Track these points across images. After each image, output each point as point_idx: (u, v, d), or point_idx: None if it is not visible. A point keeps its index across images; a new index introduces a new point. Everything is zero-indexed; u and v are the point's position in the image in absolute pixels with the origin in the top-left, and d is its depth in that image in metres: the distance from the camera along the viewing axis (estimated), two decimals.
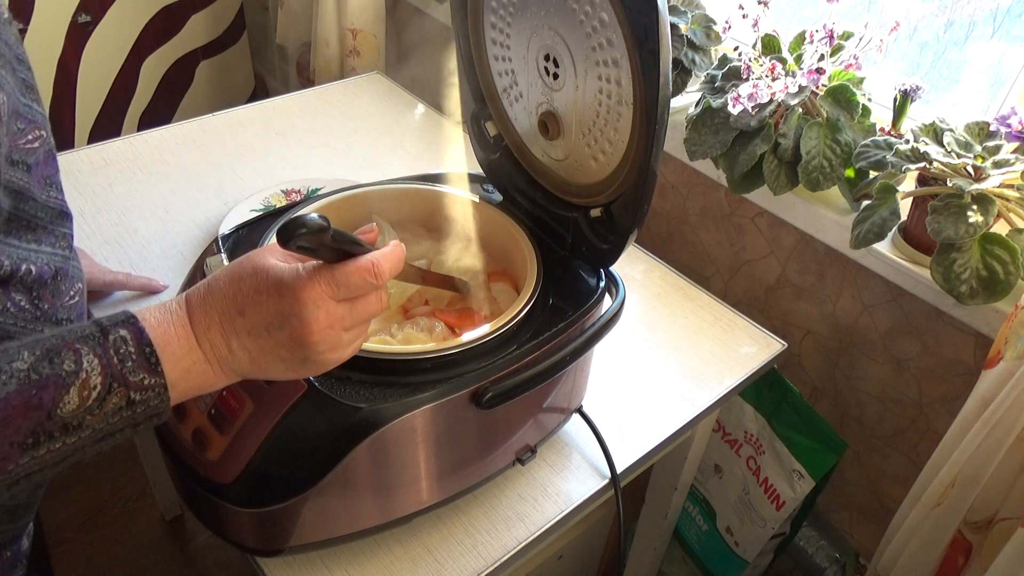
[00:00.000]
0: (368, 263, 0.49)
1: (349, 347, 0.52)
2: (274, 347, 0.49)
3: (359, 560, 0.69)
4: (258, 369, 0.50)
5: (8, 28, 0.55)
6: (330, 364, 0.51)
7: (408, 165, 1.19)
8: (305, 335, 0.48)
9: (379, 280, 0.50)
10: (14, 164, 0.54)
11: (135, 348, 0.45)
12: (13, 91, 0.53)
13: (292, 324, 0.48)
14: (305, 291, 0.47)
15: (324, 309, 0.48)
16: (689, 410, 0.86)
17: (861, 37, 0.92)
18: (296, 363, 0.50)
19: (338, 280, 0.48)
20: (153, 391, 0.46)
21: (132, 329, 0.45)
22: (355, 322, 0.51)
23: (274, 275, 0.48)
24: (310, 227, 0.44)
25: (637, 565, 1.24)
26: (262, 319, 0.48)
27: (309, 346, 0.49)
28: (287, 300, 0.47)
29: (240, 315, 0.48)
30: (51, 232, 0.59)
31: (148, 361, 0.45)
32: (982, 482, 0.78)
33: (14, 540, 0.65)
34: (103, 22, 1.82)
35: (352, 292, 0.49)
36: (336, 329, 0.49)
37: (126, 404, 0.45)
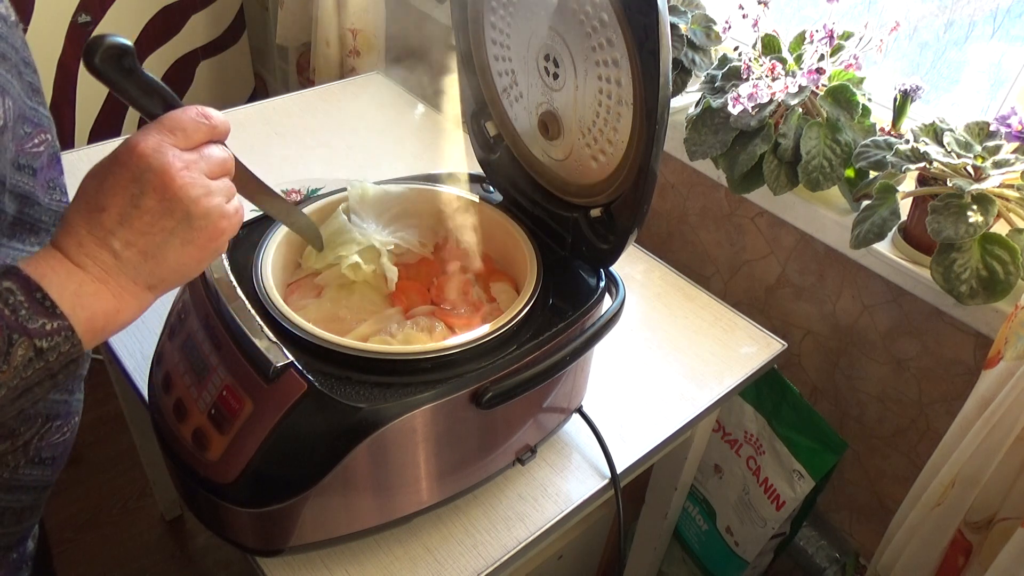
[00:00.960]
0: (193, 107, 0.48)
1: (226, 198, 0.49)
2: (151, 221, 0.45)
3: (359, 560, 0.69)
4: (156, 261, 0.46)
5: (15, 31, 0.55)
6: (219, 217, 0.48)
7: (408, 165, 1.19)
8: (168, 181, 0.45)
9: (210, 120, 0.48)
10: (20, 168, 0.54)
11: (24, 296, 0.43)
12: (19, 95, 0.53)
13: (149, 180, 0.45)
14: (142, 143, 0.45)
15: (170, 152, 0.45)
16: (689, 410, 0.86)
17: (861, 37, 0.92)
18: (184, 228, 0.46)
19: (169, 125, 0.46)
20: (59, 335, 0.44)
21: (16, 278, 0.43)
22: (211, 167, 0.48)
23: (108, 156, 0.46)
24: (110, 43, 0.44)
25: (637, 565, 1.24)
26: (121, 198, 0.45)
27: (180, 195, 0.45)
28: (131, 162, 0.45)
29: (101, 211, 0.45)
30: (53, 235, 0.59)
31: (42, 305, 0.43)
32: (982, 482, 0.78)
33: (20, 542, 0.65)
34: (103, 22, 1.82)
35: (189, 135, 0.47)
36: (196, 172, 0.46)
37: (36, 355, 0.43)
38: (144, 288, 0.47)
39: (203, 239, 0.48)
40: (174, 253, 0.47)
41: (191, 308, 0.66)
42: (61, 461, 0.65)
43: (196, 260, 0.48)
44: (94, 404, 1.74)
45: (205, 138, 0.48)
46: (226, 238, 0.49)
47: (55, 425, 0.62)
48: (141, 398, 0.77)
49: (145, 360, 0.82)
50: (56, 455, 0.63)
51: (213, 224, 0.47)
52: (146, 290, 0.47)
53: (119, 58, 0.45)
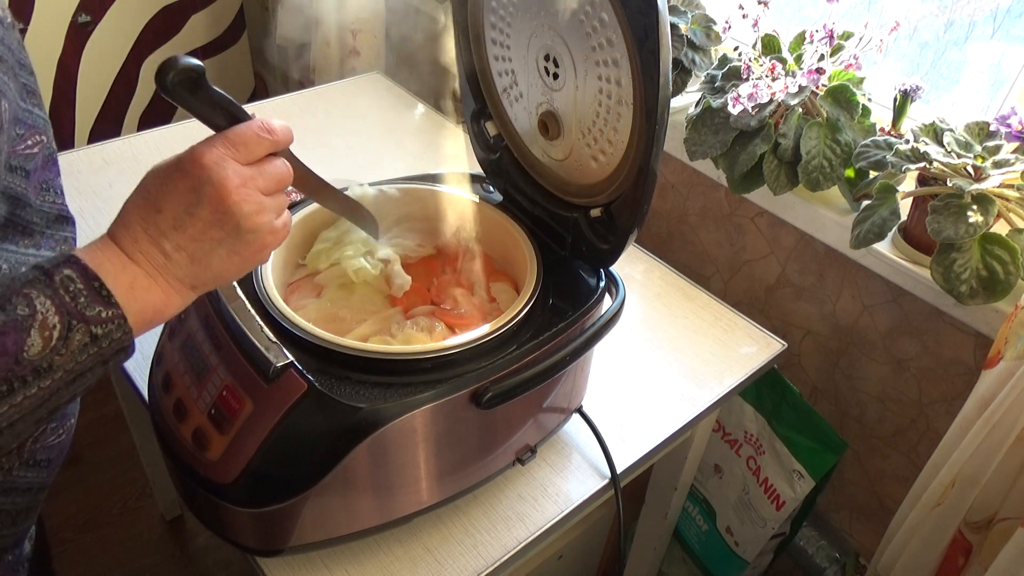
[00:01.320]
0: (257, 120, 0.50)
1: (276, 215, 0.51)
2: (203, 229, 0.48)
3: (359, 560, 0.69)
4: (202, 266, 0.49)
5: (11, 33, 0.55)
6: (266, 233, 0.50)
7: (408, 165, 1.19)
8: (223, 197, 0.47)
9: (273, 135, 0.50)
10: (12, 170, 0.54)
11: (83, 284, 0.45)
12: (14, 97, 0.53)
13: (207, 192, 0.47)
14: (205, 156, 0.47)
15: (230, 167, 0.48)
16: (689, 410, 0.86)
17: (861, 37, 0.92)
18: (233, 240, 0.49)
19: (232, 139, 0.48)
20: (113, 323, 0.46)
21: (76, 267, 0.45)
22: (268, 184, 0.50)
23: (172, 160, 0.48)
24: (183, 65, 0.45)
25: (637, 565, 1.24)
26: (179, 204, 0.47)
27: (234, 210, 0.48)
28: (192, 172, 0.47)
29: (158, 212, 0.48)
30: (50, 237, 0.59)
31: (99, 294, 0.45)
32: (982, 482, 0.78)
33: (16, 544, 0.65)
34: (103, 22, 1.82)
35: (251, 150, 0.49)
36: (251, 188, 0.49)
37: (91, 340, 0.45)
38: (188, 287, 0.50)
39: (248, 252, 0.50)
40: (219, 261, 0.50)
41: (191, 308, 0.66)
42: (56, 463, 0.65)
43: (238, 268, 0.51)
44: (94, 404, 1.74)
45: (266, 152, 0.50)
46: (269, 251, 0.52)
47: (50, 428, 0.62)
48: (141, 398, 0.77)
49: (145, 360, 0.82)
50: (51, 457, 0.63)
51: (260, 239, 0.50)
52: (190, 289, 0.50)
53: (192, 81, 0.47)
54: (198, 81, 0.47)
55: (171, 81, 0.46)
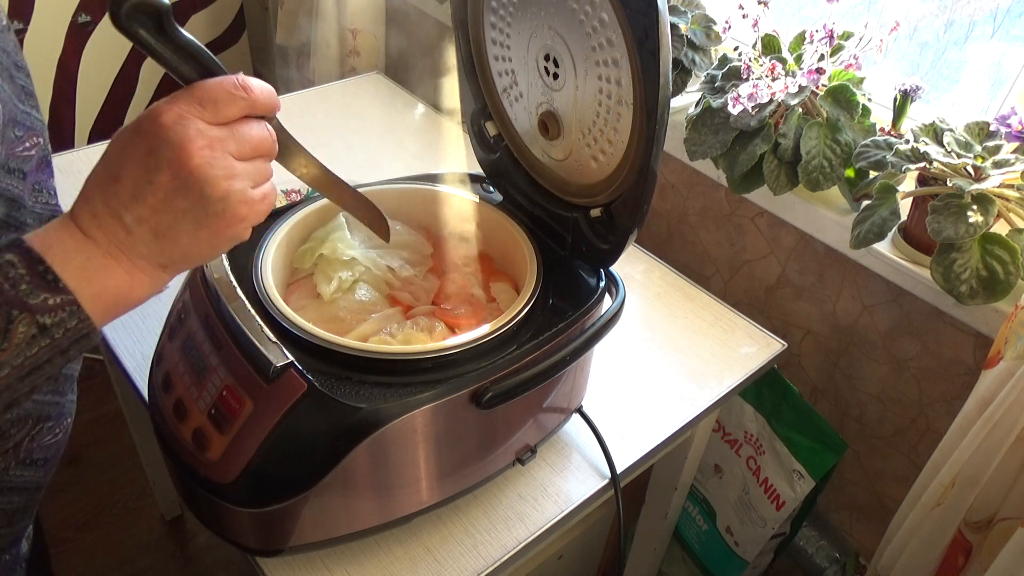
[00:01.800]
0: (231, 76, 0.43)
1: (253, 183, 0.45)
2: (165, 199, 0.42)
3: (359, 560, 0.69)
4: (167, 241, 0.43)
5: (6, 35, 0.54)
6: (238, 202, 0.44)
7: (408, 165, 1.19)
8: (184, 158, 0.41)
9: (249, 93, 0.43)
10: (10, 172, 0.53)
11: (26, 269, 0.40)
12: (10, 99, 0.52)
13: (166, 154, 0.41)
14: (164, 114, 0.41)
15: (193, 127, 0.41)
16: (689, 410, 0.86)
17: (861, 37, 0.92)
18: (198, 209, 0.43)
19: (198, 95, 0.42)
20: (63, 310, 0.41)
21: (18, 251, 0.41)
22: (241, 147, 0.44)
23: (132, 122, 0.43)
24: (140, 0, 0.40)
25: (637, 565, 1.24)
26: (137, 170, 0.42)
27: (196, 174, 0.41)
28: (150, 131, 0.41)
29: (116, 181, 0.42)
30: None
31: (44, 279, 0.41)
32: (982, 482, 0.78)
33: (12, 544, 0.65)
34: (103, 22, 1.82)
35: (220, 108, 0.42)
36: (219, 151, 0.42)
37: (39, 331, 0.41)
38: (157, 267, 0.45)
39: (219, 224, 0.44)
40: (186, 236, 0.44)
41: (191, 308, 0.66)
42: (53, 462, 0.65)
43: (210, 245, 0.45)
44: (94, 404, 1.74)
45: (241, 112, 0.44)
46: (246, 226, 0.46)
47: (46, 427, 0.62)
48: (141, 398, 0.77)
49: (145, 360, 0.82)
50: (48, 456, 0.63)
51: (232, 209, 0.44)
52: (159, 268, 0.45)
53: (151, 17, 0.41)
54: (159, 19, 0.41)
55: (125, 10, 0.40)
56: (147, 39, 0.42)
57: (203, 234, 0.44)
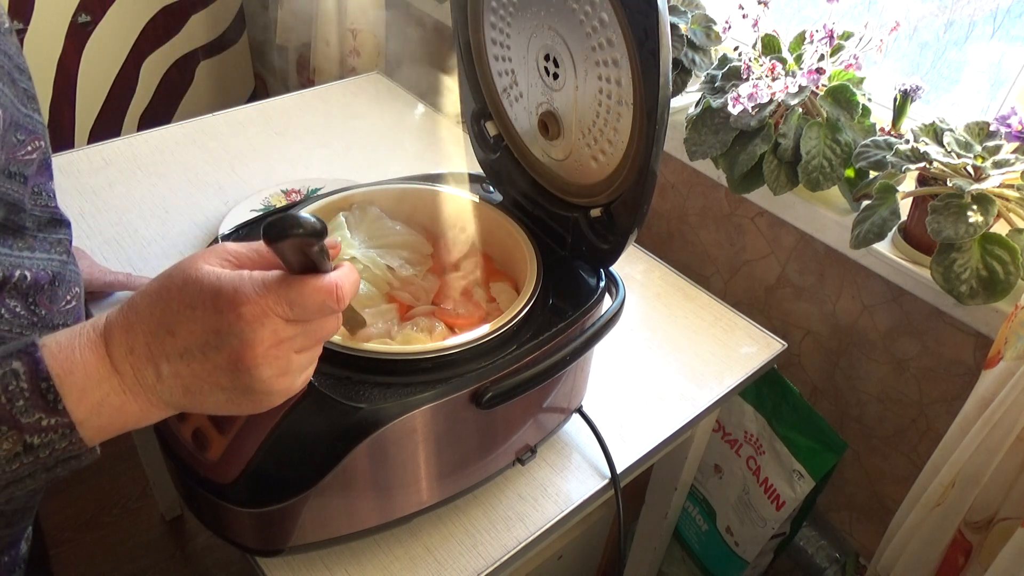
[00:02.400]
0: (331, 284, 0.43)
1: (301, 374, 0.45)
2: (211, 372, 0.42)
3: (359, 560, 0.69)
4: (193, 400, 0.43)
5: (9, 38, 0.54)
6: (278, 394, 0.44)
7: (408, 165, 1.19)
8: (247, 357, 0.41)
9: (339, 305, 0.43)
10: (11, 176, 0.53)
11: (28, 384, 0.38)
12: (12, 103, 0.52)
13: (231, 344, 0.41)
14: (248, 306, 0.41)
15: (270, 327, 0.41)
16: (689, 410, 0.86)
17: (861, 37, 0.92)
18: (238, 393, 0.43)
19: (293, 299, 0.42)
20: (56, 432, 0.39)
21: (27, 360, 0.39)
22: (307, 342, 0.44)
23: (209, 286, 0.41)
24: (307, 228, 0.38)
25: (637, 565, 1.24)
26: (196, 339, 0.41)
27: (252, 371, 0.42)
28: (226, 316, 0.41)
29: (169, 335, 0.41)
30: (44, 239, 0.59)
31: (44, 398, 0.39)
32: (982, 482, 0.78)
33: (12, 545, 0.65)
34: (103, 22, 1.82)
35: (306, 314, 0.42)
36: (284, 349, 0.43)
37: (23, 450, 0.39)
38: (171, 408, 0.44)
39: (249, 405, 0.44)
40: (213, 402, 0.44)
41: None
42: None
43: (230, 412, 0.45)
44: None
45: (323, 317, 0.44)
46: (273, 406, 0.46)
47: None
48: None
49: None
50: None
51: (269, 401, 0.45)
52: (172, 409, 0.45)
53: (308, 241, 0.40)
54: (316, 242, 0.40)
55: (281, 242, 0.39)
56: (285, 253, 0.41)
57: (230, 407, 0.44)
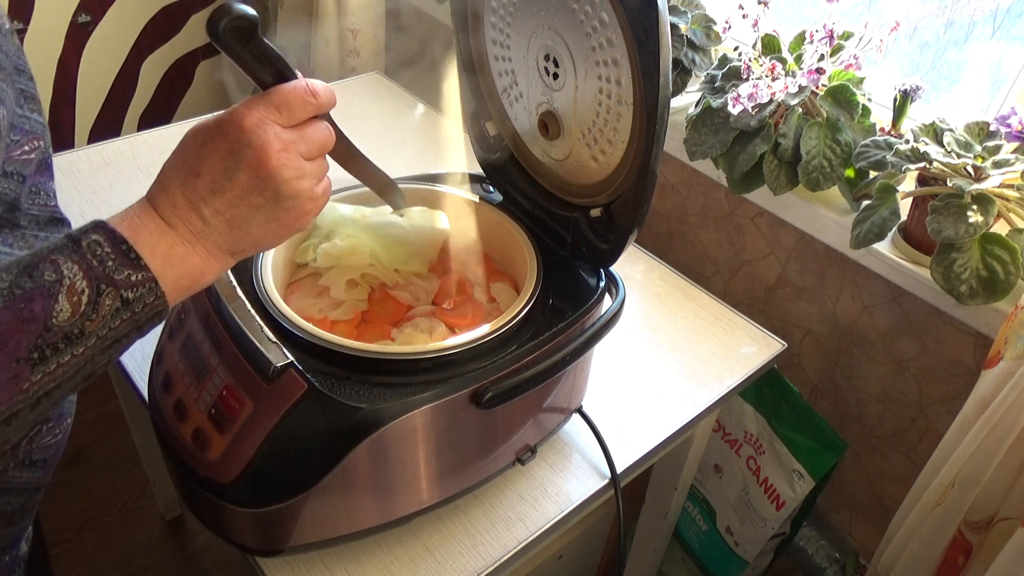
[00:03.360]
0: (300, 81, 0.48)
1: (316, 181, 0.50)
2: (242, 195, 0.47)
3: (359, 560, 0.69)
4: (241, 234, 0.48)
5: (9, 38, 0.54)
6: (306, 200, 0.49)
7: (408, 165, 1.19)
8: (263, 161, 0.46)
9: (317, 98, 0.48)
10: (8, 176, 0.54)
11: (111, 248, 0.44)
12: (11, 104, 0.53)
13: (247, 155, 0.46)
14: (245, 118, 0.46)
15: (271, 131, 0.46)
16: (689, 410, 0.86)
17: (861, 37, 0.92)
18: (272, 206, 0.48)
19: (275, 101, 0.47)
20: (144, 286, 0.45)
21: (103, 232, 0.44)
22: (310, 148, 0.49)
23: (212, 121, 0.47)
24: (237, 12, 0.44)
25: (637, 565, 1.24)
26: (218, 168, 0.46)
27: (273, 175, 0.47)
28: (232, 134, 0.46)
29: (197, 176, 0.46)
30: (44, 240, 0.59)
31: (128, 257, 0.44)
32: (982, 482, 0.78)
33: (12, 545, 0.65)
34: (103, 22, 1.82)
35: (293, 113, 0.48)
36: (292, 153, 0.47)
37: (122, 305, 0.44)
38: (227, 253, 0.49)
39: (287, 219, 0.49)
40: (258, 227, 0.48)
41: (191, 308, 0.66)
42: (53, 463, 0.65)
43: (276, 236, 0.50)
44: (94, 404, 1.74)
45: (310, 115, 0.49)
46: (309, 219, 0.51)
47: (46, 427, 0.62)
48: (141, 398, 0.77)
49: (145, 360, 0.82)
50: (47, 457, 0.63)
51: (300, 206, 0.49)
52: (228, 255, 0.49)
53: (244, 31, 0.45)
54: (250, 31, 0.46)
55: (223, 28, 0.45)
56: (237, 49, 0.46)
57: (273, 226, 0.49)
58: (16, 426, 0.44)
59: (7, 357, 0.41)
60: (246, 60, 0.47)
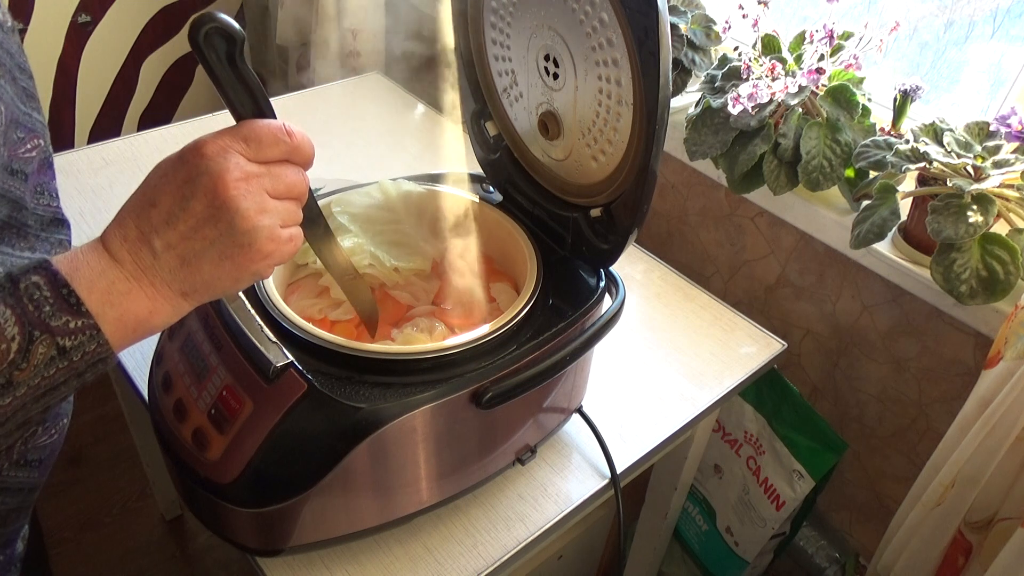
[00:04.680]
0: (278, 121, 0.46)
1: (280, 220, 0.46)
2: (195, 226, 0.43)
3: (359, 560, 0.69)
4: (191, 269, 0.44)
5: (10, 37, 0.55)
6: (265, 239, 0.45)
7: (408, 165, 1.19)
8: (219, 188, 0.42)
9: (292, 139, 0.45)
10: (13, 173, 0.53)
11: (50, 292, 0.41)
12: (12, 100, 0.53)
13: (203, 184, 0.42)
14: (207, 145, 0.43)
15: (233, 160, 0.43)
16: (689, 410, 0.86)
17: (861, 37, 0.92)
18: (225, 240, 0.44)
19: (243, 132, 0.44)
20: (84, 334, 0.42)
21: (44, 273, 0.41)
22: (276, 187, 0.45)
23: (176, 153, 0.44)
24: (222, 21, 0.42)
25: (637, 565, 1.24)
26: (173, 197, 0.43)
27: (228, 204, 0.43)
28: (191, 161, 0.43)
29: (152, 206, 0.43)
30: (45, 240, 0.59)
31: (67, 302, 0.41)
32: (982, 482, 0.78)
33: (7, 544, 0.65)
34: (103, 22, 1.82)
35: (263, 148, 0.44)
36: (255, 186, 0.44)
37: (58, 353, 0.42)
38: (178, 294, 0.45)
39: (243, 257, 0.45)
40: (210, 265, 0.45)
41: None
42: (48, 463, 0.64)
43: (232, 278, 0.46)
44: (94, 404, 1.74)
45: (280, 156, 0.46)
46: (270, 263, 0.46)
47: (42, 428, 0.62)
48: (141, 398, 0.77)
49: (145, 360, 0.82)
50: (43, 457, 0.63)
51: (258, 244, 0.45)
52: (180, 296, 0.45)
53: (225, 41, 0.43)
54: (231, 48, 0.43)
55: (203, 35, 0.42)
56: (216, 64, 0.44)
57: (227, 265, 0.45)
58: None
59: None
60: (223, 79, 0.45)
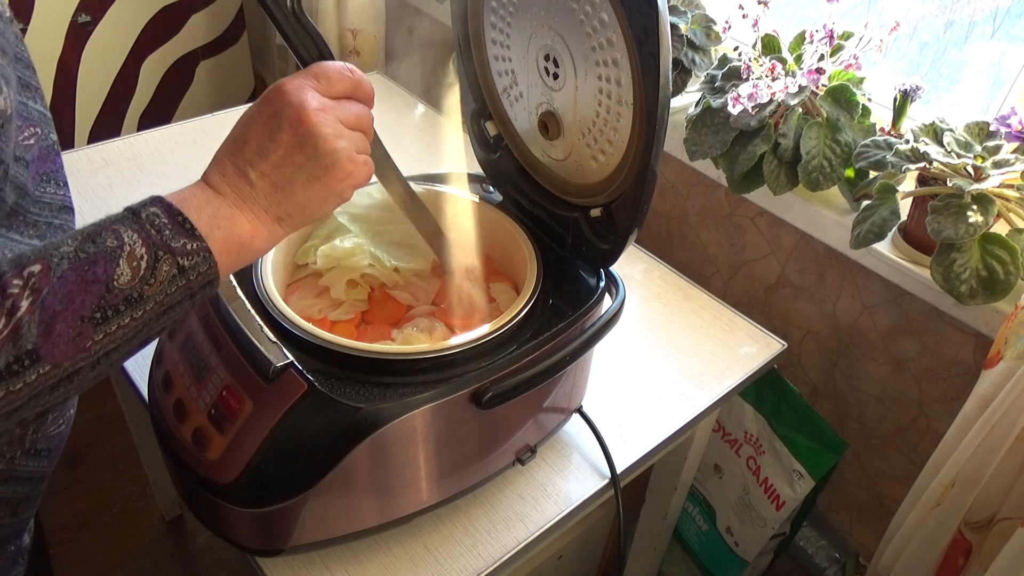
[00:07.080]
0: (341, 62, 0.53)
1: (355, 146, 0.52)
2: (284, 155, 0.50)
3: (359, 560, 0.69)
4: (284, 193, 0.51)
5: (10, 27, 0.55)
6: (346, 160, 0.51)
7: (408, 165, 1.19)
8: (303, 117, 0.49)
9: (353, 74, 0.52)
10: (18, 160, 0.54)
11: (168, 219, 0.47)
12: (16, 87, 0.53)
13: (287, 115, 0.49)
14: (286, 84, 0.50)
15: (310, 93, 0.50)
16: (689, 410, 0.86)
17: (861, 37, 0.92)
18: (312, 164, 0.50)
19: (314, 71, 0.51)
20: (198, 255, 0.48)
21: (160, 204, 0.48)
22: (347, 117, 0.52)
23: (259, 98, 0.51)
24: None
25: (637, 565, 1.24)
26: (262, 131, 0.50)
27: (312, 131, 0.50)
28: (274, 99, 0.50)
29: (244, 143, 0.50)
30: (54, 227, 0.60)
31: (183, 227, 0.47)
32: (982, 482, 0.78)
33: (16, 535, 0.66)
34: (103, 22, 1.82)
35: (331, 83, 0.51)
36: (331, 116, 0.50)
37: (178, 272, 0.47)
38: (273, 219, 0.51)
39: (328, 178, 0.51)
40: (300, 188, 0.51)
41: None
42: (56, 453, 0.66)
43: (320, 198, 0.52)
44: (94, 403, 1.74)
45: (347, 90, 0.52)
46: (351, 183, 0.53)
47: (51, 417, 0.63)
48: (141, 398, 0.77)
49: (145, 360, 0.82)
50: (52, 447, 0.64)
51: (340, 165, 0.51)
52: (275, 221, 0.51)
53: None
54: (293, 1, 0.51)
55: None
56: (282, 17, 0.52)
57: (315, 187, 0.51)
58: (77, 384, 0.46)
59: (73, 315, 0.43)
60: (289, 29, 0.52)
